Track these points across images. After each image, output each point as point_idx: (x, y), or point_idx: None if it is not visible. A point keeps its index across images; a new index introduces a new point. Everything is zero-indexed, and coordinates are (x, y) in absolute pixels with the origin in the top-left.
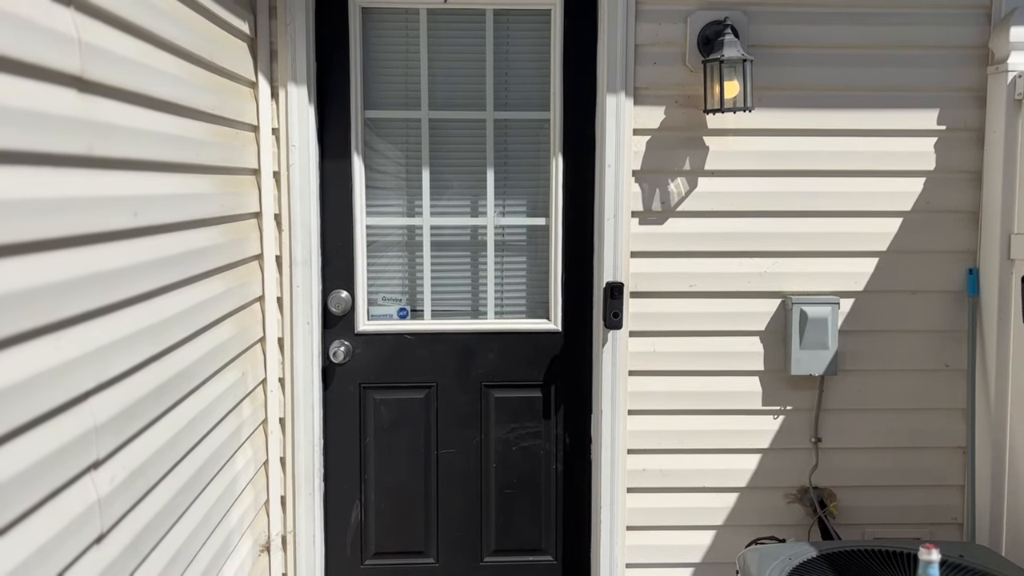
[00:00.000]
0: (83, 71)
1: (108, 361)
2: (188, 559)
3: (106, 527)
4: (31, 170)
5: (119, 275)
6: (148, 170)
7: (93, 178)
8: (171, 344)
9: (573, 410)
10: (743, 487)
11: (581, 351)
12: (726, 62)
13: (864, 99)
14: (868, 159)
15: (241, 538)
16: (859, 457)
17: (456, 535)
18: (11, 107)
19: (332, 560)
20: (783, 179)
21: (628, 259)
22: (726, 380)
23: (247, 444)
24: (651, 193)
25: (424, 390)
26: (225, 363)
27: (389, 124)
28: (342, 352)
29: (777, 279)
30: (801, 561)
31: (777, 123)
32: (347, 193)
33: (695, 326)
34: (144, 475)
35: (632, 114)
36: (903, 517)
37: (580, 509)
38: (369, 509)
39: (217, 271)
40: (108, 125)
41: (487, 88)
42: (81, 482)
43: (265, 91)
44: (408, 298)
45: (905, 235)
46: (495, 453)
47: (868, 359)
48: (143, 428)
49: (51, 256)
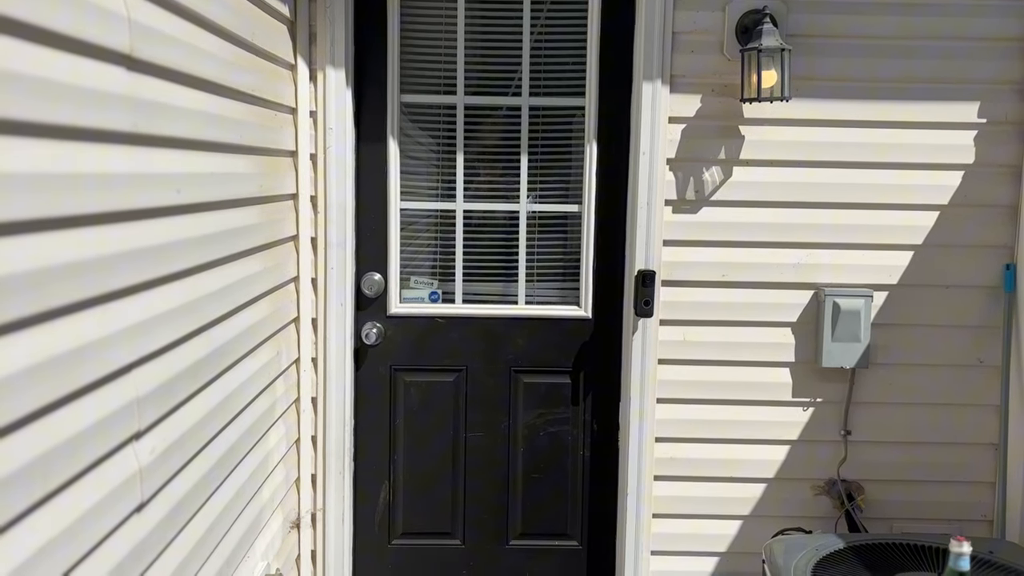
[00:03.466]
0: (132, 49)
1: (150, 335)
2: (222, 532)
3: (146, 497)
4: (80, 145)
5: (162, 251)
6: (191, 149)
7: (138, 155)
8: (209, 321)
9: (601, 397)
10: (771, 478)
11: (610, 338)
12: (764, 51)
13: (904, 91)
14: (906, 151)
15: (272, 514)
16: (889, 451)
17: (482, 518)
18: (64, 83)
19: (360, 539)
20: (819, 170)
21: (660, 247)
22: (756, 371)
23: (280, 422)
24: (685, 181)
25: (454, 373)
26: (260, 342)
27: (424, 108)
28: (374, 334)
29: (810, 270)
30: (828, 552)
31: (814, 113)
32: (382, 176)
33: (726, 316)
34: (182, 448)
35: (668, 102)
36: (932, 512)
37: (606, 495)
38: (397, 489)
39: (255, 251)
40: (154, 103)
41: (523, 74)
42: (124, 452)
43: (303, 74)
44: (440, 282)
45: (941, 229)
46: (522, 438)
47: (900, 353)
48: (182, 402)
49: (97, 231)
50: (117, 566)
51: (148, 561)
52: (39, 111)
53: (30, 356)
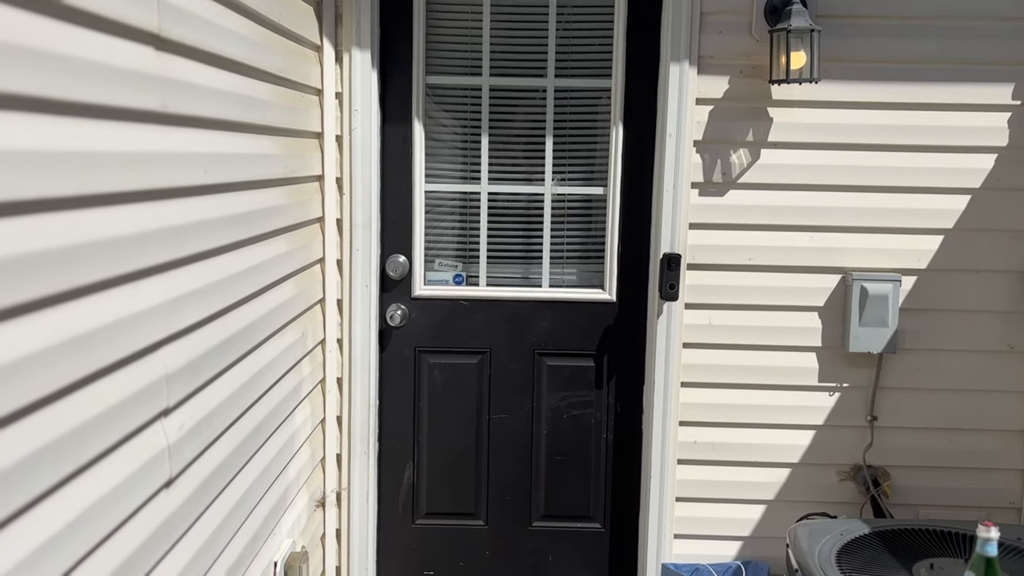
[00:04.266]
0: (160, 29)
1: (179, 312)
2: (248, 509)
3: (175, 472)
4: (109, 124)
5: (190, 230)
6: (218, 129)
7: (166, 134)
8: (237, 300)
9: (625, 380)
10: (795, 463)
11: (635, 322)
12: (793, 32)
13: (935, 72)
14: (936, 134)
15: (298, 493)
16: (916, 437)
17: (506, 499)
18: (94, 62)
19: (384, 518)
20: (847, 152)
21: (686, 230)
22: (782, 355)
23: (306, 402)
24: (712, 164)
25: (478, 356)
26: (287, 322)
27: (449, 90)
28: (399, 315)
29: (838, 254)
30: (853, 537)
31: (844, 95)
32: (407, 158)
33: (752, 300)
34: (210, 425)
35: (695, 83)
36: (958, 499)
37: (629, 478)
38: (421, 470)
39: (281, 231)
40: (181, 83)
41: (548, 55)
42: (153, 428)
43: (329, 55)
44: (464, 264)
45: (973, 213)
46: (546, 420)
47: (929, 338)
48: (210, 379)
49: (127, 208)
50: (147, 539)
51: (177, 535)
52: (70, 90)
53: (63, 332)
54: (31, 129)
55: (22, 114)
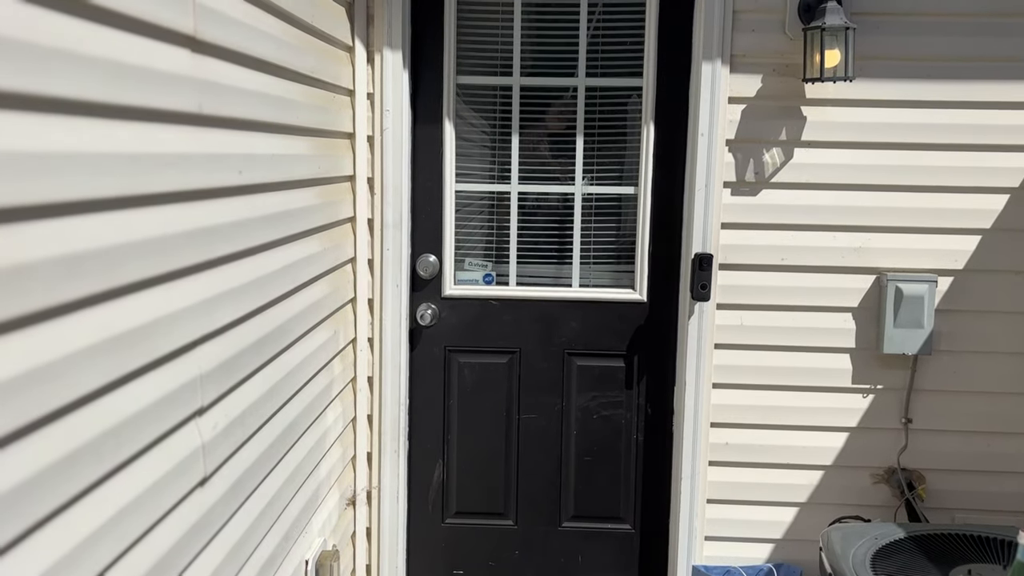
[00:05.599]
0: (196, 31)
1: (214, 313)
2: (281, 507)
3: (209, 471)
4: (147, 126)
5: (225, 230)
6: (252, 130)
7: (202, 135)
8: (271, 300)
9: (655, 381)
10: (828, 465)
11: (666, 322)
12: (827, 30)
13: (972, 69)
14: (974, 132)
15: (329, 491)
16: (951, 440)
17: (535, 499)
18: (132, 64)
19: (414, 517)
20: (882, 152)
21: (718, 230)
22: (815, 356)
23: (337, 401)
24: (744, 163)
25: (507, 355)
26: (319, 321)
27: (480, 90)
28: (429, 315)
29: (872, 255)
30: (888, 542)
31: (879, 94)
32: (438, 158)
33: (785, 300)
34: (243, 424)
35: (728, 82)
36: (995, 504)
37: (660, 480)
38: (451, 469)
39: (314, 231)
40: (217, 84)
41: (580, 54)
42: (188, 427)
43: (361, 56)
44: (494, 264)
45: (1011, 212)
46: (575, 420)
47: (965, 340)
48: (244, 379)
49: (164, 209)
50: (182, 537)
51: (212, 533)
52: (108, 92)
53: (100, 332)
54: (71, 132)
55: (61, 116)
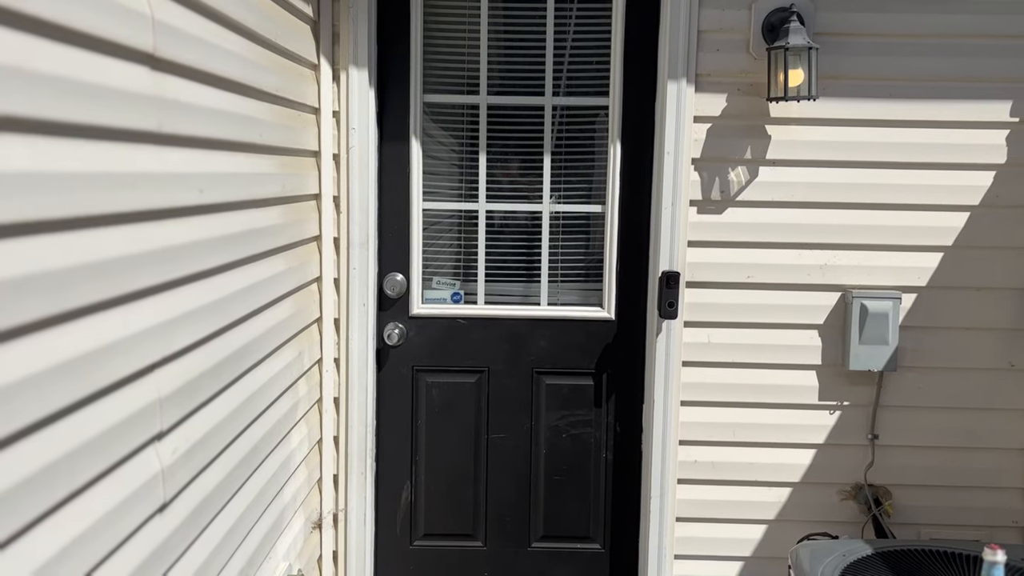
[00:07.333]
0: (155, 48)
1: (173, 335)
2: (244, 532)
3: (168, 497)
4: (103, 145)
5: (185, 251)
6: (214, 148)
7: (162, 154)
8: (233, 321)
9: (624, 399)
10: (796, 482)
11: (634, 340)
12: (791, 49)
13: (933, 89)
14: (935, 151)
15: (294, 515)
16: (917, 455)
17: (504, 519)
18: (89, 83)
19: (382, 539)
20: (846, 170)
21: (685, 248)
22: (782, 373)
23: (302, 422)
24: (710, 182)
25: (476, 374)
26: (283, 342)
27: (447, 108)
28: (396, 334)
29: (837, 272)
30: (856, 558)
31: (842, 113)
32: (404, 177)
33: (752, 318)
34: (204, 448)
35: (693, 101)
36: (961, 518)
37: (629, 498)
38: (419, 490)
39: (278, 251)
40: (177, 103)
41: (546, 73)
42: (146, 452)
43: (327, 74)
44: (462, 282)
45: (972, 230)
46: (545, 439)
47: (929, 356)
48: (205, 402)
49: (121, 230)
50: (140, 565)
51: (171, 560)
52: (63, 110)
53: (52, 357)
54: (26, 150)
55: (16, 135)
